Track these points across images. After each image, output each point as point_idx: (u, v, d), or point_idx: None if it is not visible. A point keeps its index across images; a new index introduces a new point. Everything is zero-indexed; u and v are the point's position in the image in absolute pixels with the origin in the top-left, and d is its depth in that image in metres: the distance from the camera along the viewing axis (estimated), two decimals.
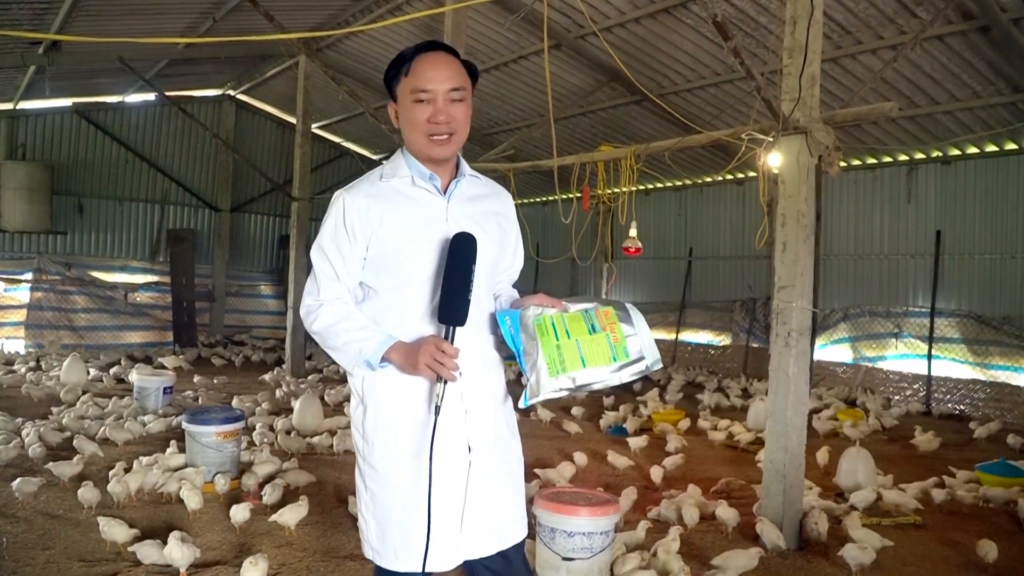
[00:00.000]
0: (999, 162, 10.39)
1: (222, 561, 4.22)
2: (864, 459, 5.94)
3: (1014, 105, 9.13)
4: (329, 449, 6.75)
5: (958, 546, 4.96)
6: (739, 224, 13.62)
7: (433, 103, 2.18)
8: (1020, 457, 7.40)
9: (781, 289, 5.00)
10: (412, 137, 2.23)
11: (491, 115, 13.92)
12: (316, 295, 2.22)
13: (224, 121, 15.97)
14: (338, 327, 2.16)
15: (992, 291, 10.43)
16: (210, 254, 16.02)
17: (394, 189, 2.23)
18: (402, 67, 2.22)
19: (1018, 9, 7.51)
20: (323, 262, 2.22)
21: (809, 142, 4.88)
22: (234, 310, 16.52)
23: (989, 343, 10.38)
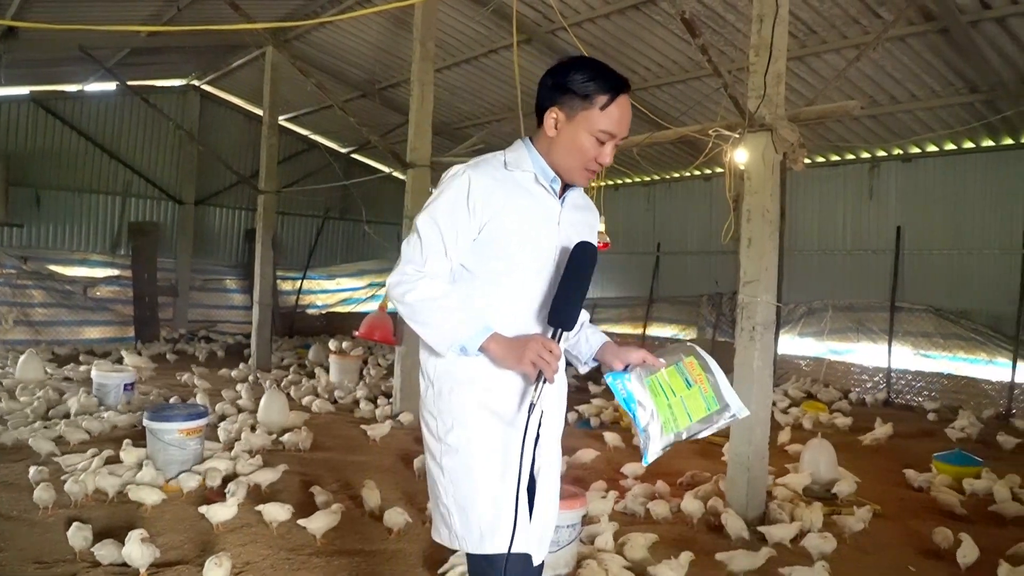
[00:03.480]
0: (957, 160, 10.61)
1: (184, 560, 4.17)
2: (826, 451, 6.04)
3: (972, 105, 9.32)
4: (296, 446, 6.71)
5: (916, 534, 5.07)
6: (706, 219, 13.74)
7: (607, 145, 2.19)
8: (976, 447, 7.58)
9: (746, 284, 5.06)
10: (567, 161, 2.21)
11: (461, 109, 13.88)
12: (420, 265, 2.13)
13: (189, 112, 15.72)
14: (437, 303, 2.10)
15: (950, 286, 10.65)
16: (174, 247, 15.78)
17: (516, 180, 2.21)
18: (599, 95, 2.15)
19: (976, 11, 7.65)
20: (434, 234, 2.14)
21: (774, 139, 4.94)
22: (198, 305, 16.29)
23: (948, 336, 10.60)
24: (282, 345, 14.31)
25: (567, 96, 2.16)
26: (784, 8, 4.99)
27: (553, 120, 2.19)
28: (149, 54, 12.72)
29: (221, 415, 7.77)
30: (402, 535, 4.64)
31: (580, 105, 2.15)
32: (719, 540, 4.79)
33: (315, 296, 18.05)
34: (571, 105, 2.16)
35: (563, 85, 2.17)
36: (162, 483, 5.27)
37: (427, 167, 8.16)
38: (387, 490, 5.42)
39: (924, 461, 6.68)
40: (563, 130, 2.18)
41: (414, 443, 7.14)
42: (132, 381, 8.45)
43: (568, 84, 2.16)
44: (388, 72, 13.02)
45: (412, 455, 6.32)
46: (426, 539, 4.34)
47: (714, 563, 4.26)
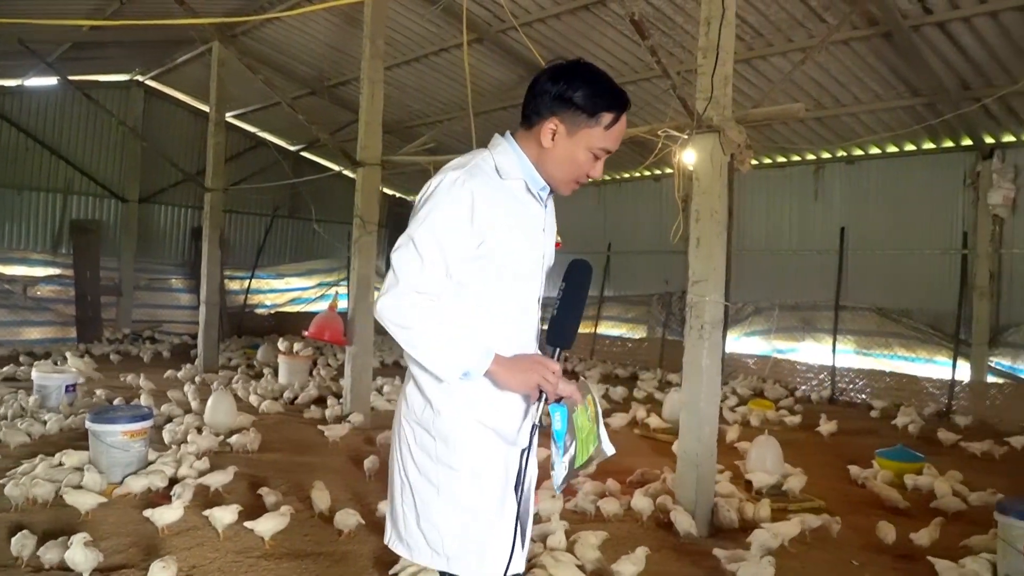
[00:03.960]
0: (899, 162, 10.89)
1: (129, 564, 4.08)
2: (772, 447, 6.14)
3: (913, 108, 9.58)
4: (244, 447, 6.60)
5: (859, 529, 5.19)
6: (656, 219, 13.89)
7: (600, 160, 2.16)
8: (917, 443, 7.80)
9: (695, 283, 5.13)
10: (559, 173, 2.16)
11: (412, 107, 13.82)
12: (419, 286, 1.99)
13: (132, 108, 15.35)
14: (440, 330, 1.99)
15: (892, 285, 10.93)
16: (117, 246, 15.40)
17: (510, 190, 2.12)
18: (606, 114, 2.09)
19: (918, 17, 7.86)
20: (435, 252, 2.00)
21: (722, 140, 5.01)
22: (143, 305, 15.93)
23: (889, 335, 10.89)
24: (230, 345, 14.07)
25: (571, 110, 2.08)
26: (731, 11, 5.07)
27: (551, 132, 2.10)
28: (91, 48, 12.39)
29: (167, 417, 7.61)
30: (352, 536, 4.60)
31: (584, 122, 2.09)
32: (668, 537, 4.85)
33: (264, 296, 17.79)
34: (574, 120, 2.08)
35: (568, 99, 2.07)
36: (105, 486, 5.15)
37: (378, 166, 8.10)
38: (337, 491, 5.37)
39: (867, 457, 6.84)
40: (561, 143, 2.11)
41: (364, 444, 7.09)
42: (74, 383, 8.23)
43: (574, 99, 2.07)
44: (338, 69, 12.89)
45: (363, 456, 6.26)
46: (377, 540, 4.30)
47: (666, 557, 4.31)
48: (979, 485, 6.00)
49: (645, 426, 8.15)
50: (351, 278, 8.28)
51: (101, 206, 15.34)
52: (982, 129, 9.64)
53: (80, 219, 14.83)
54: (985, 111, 9.09)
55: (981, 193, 9.80)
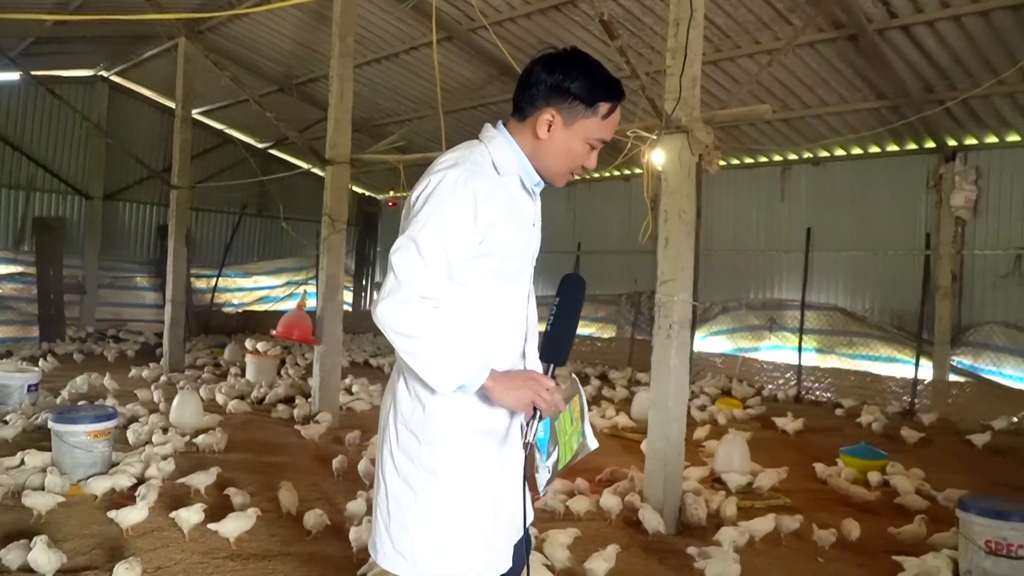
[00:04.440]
0: (864, 164, 11.06)
1: (92, 566, 4.02)
2: (739, 445, 6.21)
3: (878, 111, 9.73)
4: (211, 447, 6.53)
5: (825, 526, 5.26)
6: (626, 219, 13.96)
7: (595, 151, 2.14)
8: (881, 440, 7.92)
9: (664, 283, 5.16)
10: (555, 165, 2.13)
11: (381, 106, 13.75)
12: (421, 291, 1.92)
13: (96, 104, 15.11)
14: (439, 340, 1.92)
15: (857, 286, 11.11)
16: (81, 244, 15.16)
17: (506, 187, 2.08)
18: (604, 104, 2.07)
19: (883, 20, 7.99)
20: (439, 255, 1.94)
21: (690, 141, 5.05)
22: (107, 303, 15.70)
23: (853, 334, 11.05)
24: (196, 345, 13.89)
25: (568, 101, 2.05)
26: (699, 13, 5.11)
27: (548, 122, 2.07)
28: (55, 43, 12.17)
29: (131, 417, 7.49)
30: (320, 536, 4.57)
31: (582, 113, 2.06)
32: (636, 535, 4.88)
33: (231, 294, 17.62)
34: (571, 111, 2.06)
35: (565, 89, 2.04)
36: (68, 487, 5.07)
37: (347, 164, 8.05)
38: (305, 491, 5.33)
39: (832, 455, 6.94)
40: (557, 134, 2.08)
41: (333, 443, 7.04)
42: (36, 382, 8.08)
43: (571, 89, 2.04)
44: (306, 67, 12.80)
45: (331, 455, 6.22)
46: (345, 540, 4.28)
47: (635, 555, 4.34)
48: (940, 482, 6.12)
49: (614, 425, 8.20)
50: (320, 277, 8.23)
51: (65, 203, 15.09)
52: (945, 132, 9.82)
53: (43, 216, 14.58)
54: (948, 114, 9.26)
55: (944, 195, 9.99)
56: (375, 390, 9.65)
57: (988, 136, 9.65)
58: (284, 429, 7.77)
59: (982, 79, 8.16)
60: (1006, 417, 8.73)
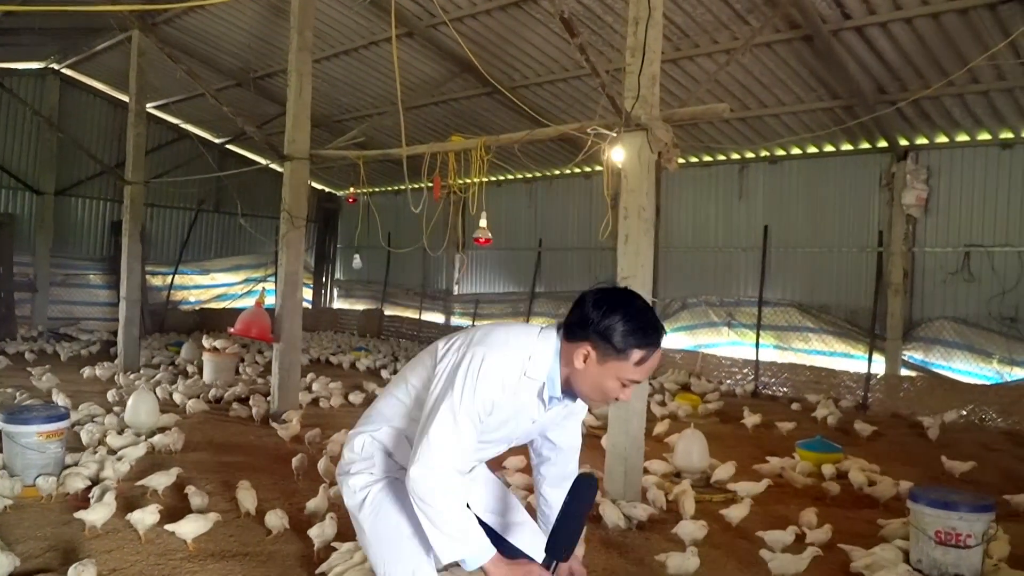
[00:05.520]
0: (819, 163, 11.26)
1: (46, 569, 3.93)
2: (698, 440, 6.28)
3: (832, 111, 9.91)
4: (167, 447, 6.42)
5: (783, 519, 5.35)
6: (586, 216, 14.03)
7: (630, 387, 2.25)
8: (836, 434, 8.08)
9: (623, 279, 5.20)
10: (588, 393, 2.27)
11: (341, 101, 13.64)
12: (453, 460, 2.15)
13: (47, 97, 14.77)
14: (455, 520, 2.13)
15: (812, 282, 11.31)
16: (32, 241, 14.81)
17: (524, 387, 2.26)
18: (637, 351, 2.18)
19: (837, 21, 8.14)
20: (471, 432, 2.18)
21: (650, 138, 5.10)
22: (60, 301, 15.38)
23: (808, 330, 11.25)
24: (152, 343, 13.66)
25: (603, 343, 2.17)
26: (658, 12, 5.16)
27: (584, 356, 2.21)
28: (4, 34, 11.86)
29: (86, 416, 7.33)
30: (280, 536, 4.53)
31: (614, 355, 2.17)
32: (596, 530, 4.91)
33: (188, 292, 17.36)
34: (605, 351, 2.18)
35: (601, 331, 2.17)
36: (20, 490, 4.95)
37: (306, 160, 7.97)
38: (264, 491, 5.27)
39: (789, 449, 7.06)
40: (591, 368, 2.21)
41: (292, 443, 6.98)
42: None
43: (607, 333, 2.16)
44: (264, 61, 12.64)
45: (290, 455, 6.17)
46: (305, 540, 4.25)
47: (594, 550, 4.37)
48: (891, 474, 6.25)
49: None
50: (279, 274, 8.13)
51: (14, 199, 14.74)
52: (897, 131, 10.03)
53: None
54: (900, 114, 9.46)
55: (895, 193, 10.20)
56: (335, 388, 9.58)
57: (939, 136, 9.89)
58: (242, 428, 7.68)
59: (932, 80, 8.36)
60: (956, 410, 8.96)
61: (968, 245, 9.77)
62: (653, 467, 6.17)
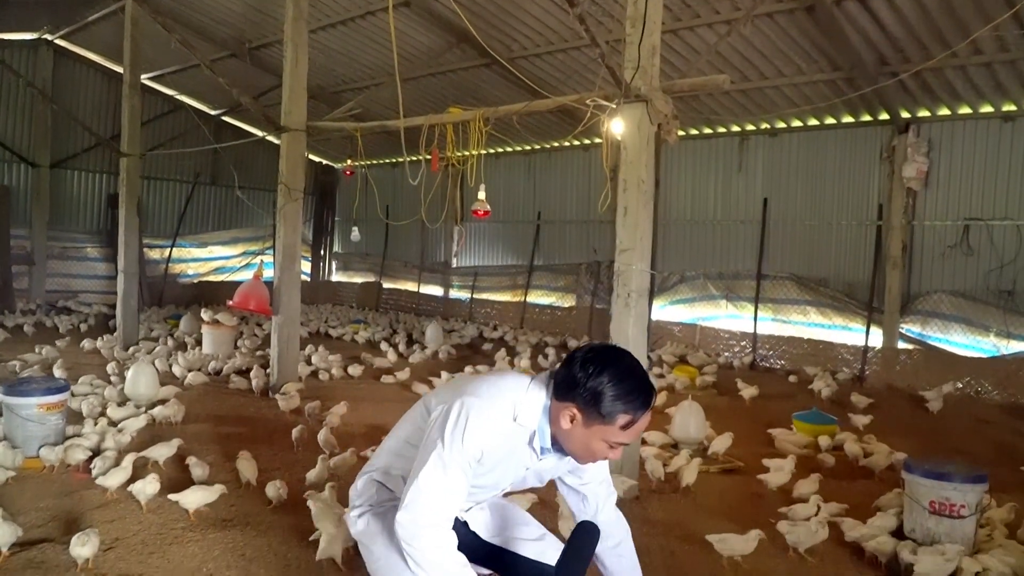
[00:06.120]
0: (819, 136, 11.20)
1: (49, 539, 3.97)
2: (695, 412, 6.32)
3: (833, 82, 9.83)
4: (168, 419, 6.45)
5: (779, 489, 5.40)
6: (585, 189, 13.99)
7: (618, 449, 2.26)
8: (831, 406, 8.12)
9: (622, 252, 5.20)
10: (575, 452, 2.29)
11: (337, 72, 13.53)
12: (439, 512, 2.16)
13: (41, 68, 14.61)
14: (443, 556, 2.15)
15: (811, 255, 11.30)
16: (28, 213, 14.74)
17: (515, 433, 2.28)
18: (622, 416, 2.17)
19: None
20: (457, 481, 2.19)
21: (650, 110, 5.06)
22: (57, 274, 15.34)
23: (807, 303, 11.27)
24: (151, 316, 13.67)
25: (589, 406, 2.18)
26: None
27: (570, 417, 2.21)
28: None
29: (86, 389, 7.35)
30: (280, 506, 4.56)
31: (600, 419, 2.17)
32: None
33: (186, 265, 17.34)
34: (590, 415, 2.18)
35: (587, 394, 2.17)
36: (21, 461, 4.98)
37: (302, 131, 7.91)
38: (264, 462, 5.30)
39: (785, 421, 7.10)
40: (577, 429, 2.21)
41: (292, 415, 7.01)
42: None
43: (593, 396, 2.16)
44: (259, 31, 12.52)
45: (290, 426, 6.20)
46: (302, 510, 4.28)
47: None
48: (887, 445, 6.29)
49: None
50: (276, 247, 8.11)
51: (10, 171, 14.65)
52: (898, 104, 9.97)
53: None
54: (902, 86, 9.40)
55: (896, 166, 10.17)
56: (335, 360, 9.61)
57: (940, 108, 9.83)
58: (242, 400, 7.71)
59: (935, 52, 8.27)
60: (952, 383, 9.00)
61: (968, 219, 9.75)
62: (651, 438, 6.22)
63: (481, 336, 13.23)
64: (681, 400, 6.62)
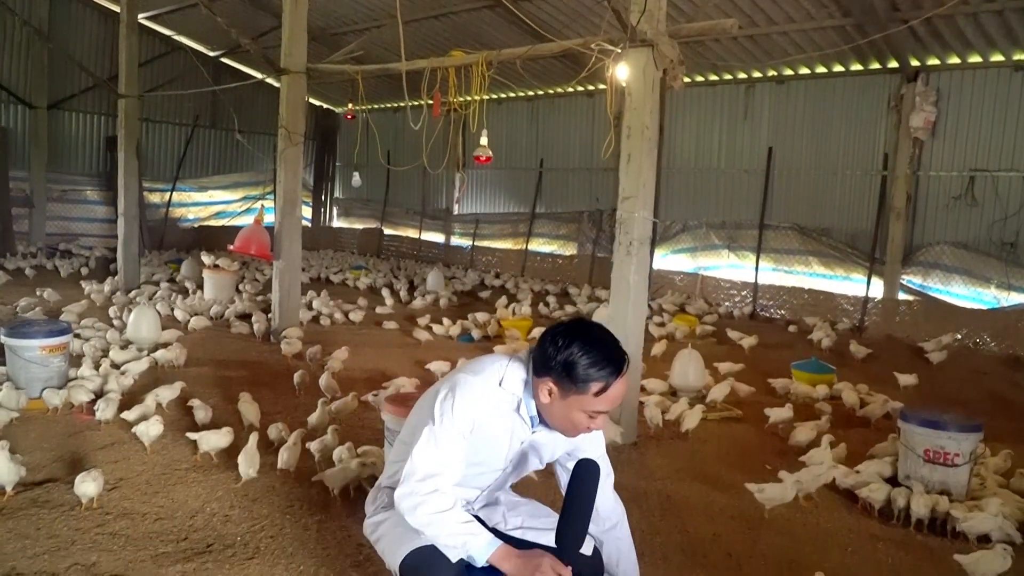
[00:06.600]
0: (826, 83, 11.04)
1: (53, 479, 4.02)
2: (695, 360, 6.36)
3: (843, 28, 9.66)
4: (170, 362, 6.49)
5: (774, 436, 5.47)
6: (588, 136, 13.86)
7: (600, 417, 2.28)
8: (830, 356, 8.16)
9: (625, 199, 5.16)
10: (558, 425, 2.33)
11: (338, 13, 13.29)
12: (435, 481, 2.21)
13: (37, 7, 14.33)
14: (446, 516, 2.19)
15: (815, 206, 11.23)
16: (26, 156, 14.63)
17: (502, 400, 2.32)
18: (595, 384, 2.20)
19: None
20: (451, 451, 2.25)
21: (655, 55, 4.98)
22: (57, 217, 15.30)
23: (809, 253, 11.25)
24: (152, 260, 13.68)
25: (562, 378, 2.22)
26: None
27: (547, 391, 2.26)
28: None
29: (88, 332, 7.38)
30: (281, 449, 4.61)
31: (574, 389, 2.21)
32: None
33: (186, 209, 17.28)
34: (565, 386, 2.22)
35: (559, 366, 2.21)
36: (25, 402, 5.03)
37: (303, 74, 7.80)
38: (266, 405, 5.35)
39: (784, 370, 7.14)
40: (555, 403, 2.26)
41: (293, 358, 7.05)
42: None
43: (564, 367, 2.21)
44: None
45: (291, 370, 6.24)
46: (305, 452, 4.33)
47: None
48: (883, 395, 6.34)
49: None
50: (277, 192, 8.07)
51: (7, 112, 14.50)
52: (908, 51, 9.80)
53: None
54: (912, 33, 9.23)
55: (903, 116, 10.03)
56: (336, 305, 9.63)
57: (950, 57, 9.66)
58: (244, 344, 7.76)
59: None
60: (951, 334, 9.02)
61: (973, 169, 9.67)
62: (650, 386, 6.26)
63: (482, 283, 13.24)
64: (681, 349, 6.65)
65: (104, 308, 8.90)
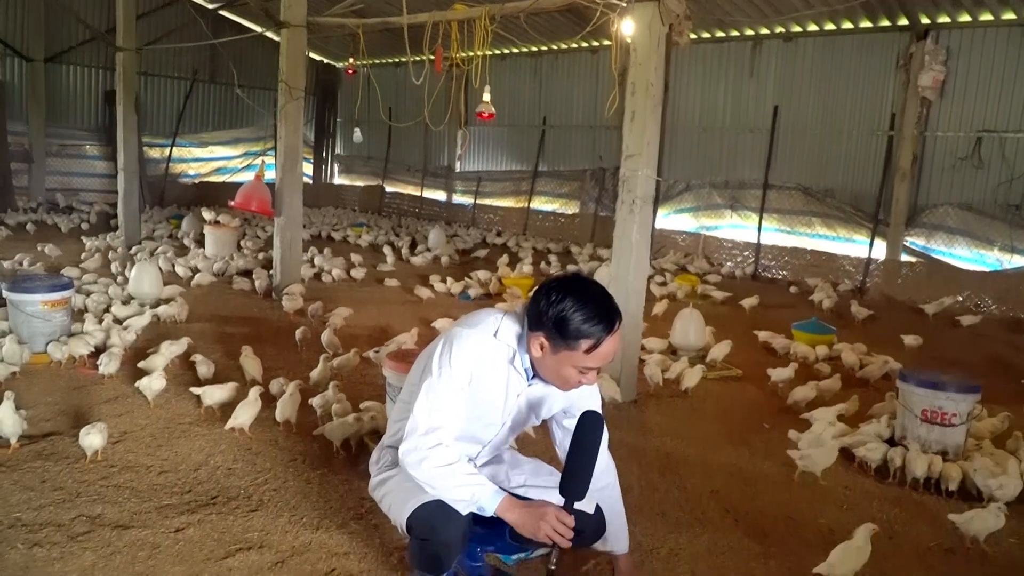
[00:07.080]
0: (835, 41, 10.89)
1: (56, 432, 4.05)
2: (696, 320, 6.36)
3: None
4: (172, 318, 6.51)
5: (773, 396, 5.50)
6: (592, 93, 13.72)
7: (591, 372, 2.29)
8: (831, 316, 8.17)
9: (628, 157, 5.12)
10: (551, 379, 2.35)
11: None
12: (436, 435, 2.25)
13: None
14: (452, 469, 2.23)
15: (819, 166, 11.16)
16: (24, 109, 14.51)
17: (497, 352, 2.34)
18: (585, 340, 2.21)
19: None
20: (451, 404, 2.29)
21: (661, 10, 4.90)
22: (56, 172, 15.23)
23: (812, 214, 11.20)
24: (152, 216, 13.64)
25: (553, 333, 2.23)
26: None
27: (539, 346, 2.28)
28: None
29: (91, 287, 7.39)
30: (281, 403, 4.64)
31: (564, 345, 2.23)
32: None
33: (187, 164, 17.18)
34: (556, 342, 2.24)
35: (550, 321, 2.22)
36: (28, 356, 5.05)
37: (303, 27, 7.68)
38: (268, 361, 5.37)
39: (785, 330, 7.15)
40: (547, 357, 2.28)
41: (295, 315, 7.07)
42: None
43: (556, 323, 2.21)
44: None
45: (293, 326, 6.26)
46: (307, 407, 4.35)
47: None
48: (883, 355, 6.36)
49: None
50: (278, 148, 8.01)
51: (4, 65, 14.35)
52: (919, 8, 9.65)
53: None
54: None
55: (912, 75, 9.91)
56: (337, 262, 9.63)
57: (961, 15, 9.51)
58: (246, 301, 7.77)
59: None
60: (952, 296, 9.02)
61: (981, 130, 9.58)
62: (651, 345, 6.28)
63: (484, 242, 13.22)
64: (682, 308, 6.65)
65: (105, 264, 8.89)
